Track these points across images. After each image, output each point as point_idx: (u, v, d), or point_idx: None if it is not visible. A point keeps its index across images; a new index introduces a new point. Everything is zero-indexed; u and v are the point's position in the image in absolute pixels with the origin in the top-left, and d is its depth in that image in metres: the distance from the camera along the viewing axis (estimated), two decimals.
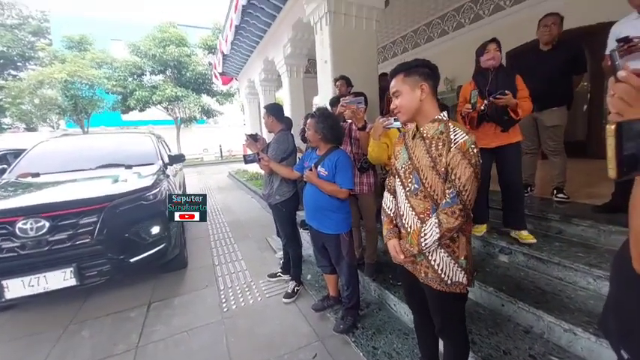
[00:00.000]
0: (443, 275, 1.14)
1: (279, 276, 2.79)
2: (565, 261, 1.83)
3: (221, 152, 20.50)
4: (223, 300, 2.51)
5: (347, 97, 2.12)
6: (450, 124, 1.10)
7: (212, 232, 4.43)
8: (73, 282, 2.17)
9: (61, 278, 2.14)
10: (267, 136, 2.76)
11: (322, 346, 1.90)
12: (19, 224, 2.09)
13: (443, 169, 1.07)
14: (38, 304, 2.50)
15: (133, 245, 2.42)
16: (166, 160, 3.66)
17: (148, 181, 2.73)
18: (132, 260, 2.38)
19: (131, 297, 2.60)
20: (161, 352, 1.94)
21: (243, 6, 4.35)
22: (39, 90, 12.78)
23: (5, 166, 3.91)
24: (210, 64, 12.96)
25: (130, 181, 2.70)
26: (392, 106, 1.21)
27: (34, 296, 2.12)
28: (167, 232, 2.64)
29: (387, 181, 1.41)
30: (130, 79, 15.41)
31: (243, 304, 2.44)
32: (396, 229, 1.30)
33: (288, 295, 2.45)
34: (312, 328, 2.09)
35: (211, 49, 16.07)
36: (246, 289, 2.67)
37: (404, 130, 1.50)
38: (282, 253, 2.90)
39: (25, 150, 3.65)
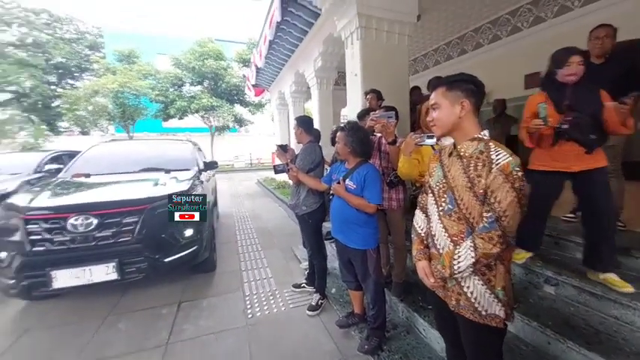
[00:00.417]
0: (477, 305, 1.05)
1: (304, 287, 2.79)
2: (622, 298, 1.64)
3: (251, 160, 21.27)
4: (248, 306, 2.55)
5: (377, 111, 2.10)
6: (490, 143, 1.05)
7: (240, 237, 4.56)
8: (114, 276, 2.33)
9: (104, 272, 2.31)
10: (296, 147, 2.82)
11: None
12: (71, 220, 2.30)
13: (481, 190, 1.01)
14: (79, 294, 2.69)
15: (167, 246, 2.57)
16: (201, 166, 3.87)
17: (184, 186, 2.89)
18: (166, 260, 2.52)
19: (163, 295, 2.73)
20: (188, 352, 2.01)
21: (277, 22, 4.56)
22: (93, 98, 14.25)
23: (61, 165, 4.34)
24: (244, 76, 13.65)
25: (169, 185, 2.88)
26: (428, 118, 1.19)
27: (78, 287, 2.29)
28: (199, 235, 2.77)
29: (419, 198, 1.35)
30: (171, 90, 16.72)
31: (267, 312, 2.46)
32: (426, 250, 1.23)
33: (312, 308, 2.43)
34: (335, 345, 2.05)
35: (245, 63, 17.00)
36: (271, 298, 2.69)
37: (437, 147, 1.46)
38: (307, 263, 2.91)
39: (78, 152, 4.05)
